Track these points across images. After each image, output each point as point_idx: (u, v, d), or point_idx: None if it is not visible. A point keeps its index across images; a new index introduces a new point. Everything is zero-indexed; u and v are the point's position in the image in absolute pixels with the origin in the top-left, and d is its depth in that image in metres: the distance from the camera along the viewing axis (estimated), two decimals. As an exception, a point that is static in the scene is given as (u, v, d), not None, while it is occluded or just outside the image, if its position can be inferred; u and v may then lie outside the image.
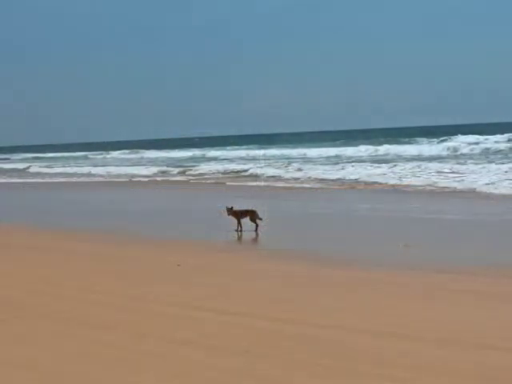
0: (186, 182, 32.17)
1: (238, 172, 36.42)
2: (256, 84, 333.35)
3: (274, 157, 51.02)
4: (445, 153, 42.83)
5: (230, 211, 13.91)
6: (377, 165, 32.89)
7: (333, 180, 27.97)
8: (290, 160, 43.34)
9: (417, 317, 6.67)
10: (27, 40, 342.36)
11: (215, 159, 52.49)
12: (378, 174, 28.33)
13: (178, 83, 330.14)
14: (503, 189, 20.62)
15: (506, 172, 25.27)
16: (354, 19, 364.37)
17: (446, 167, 29.04)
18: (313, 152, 50.79)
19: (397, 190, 22.72)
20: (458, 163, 31.01)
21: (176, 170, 40.38)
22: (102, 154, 77.79)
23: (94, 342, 6.03)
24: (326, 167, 34.07)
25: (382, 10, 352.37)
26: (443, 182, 23.46)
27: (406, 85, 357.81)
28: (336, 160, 40.95)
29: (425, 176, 26.26)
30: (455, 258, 10.22)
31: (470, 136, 52.21)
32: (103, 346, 5.90)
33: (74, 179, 38.37)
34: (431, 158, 37.28)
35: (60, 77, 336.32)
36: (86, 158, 74.73)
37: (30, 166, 56.99)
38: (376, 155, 44.74)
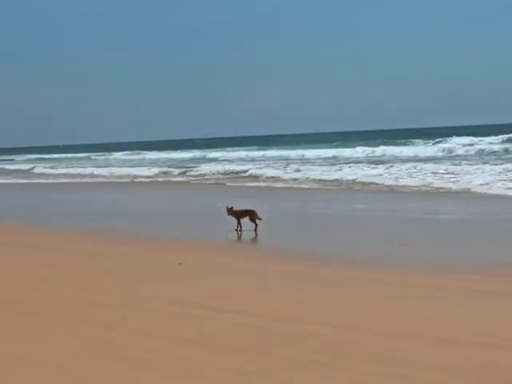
0: (187, 183, 32.22)
1: (237, 173, 36.43)
2: (256, 84, 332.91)
3: (273, 158, 51.12)
4: (440, 154, 43.01)
5: (230, 211, 13.98)
6: (373, 166, 33.01)
7: (330, 181, 28.03)
8: (288, 161, 43.36)
9: (416, 316, 6.70)
10: (27, 40, 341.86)
11: (215, 160, 52.49)
12: (375, 175, 28.40)
13: (178, 83, 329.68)
14: (497, 189, 20.76)
15: (499, 173, 25.36)
16: (354, 19, 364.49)
17: (441, 168, 29.14)
18: (311, 153, 50.92)
19: (393, 191, 22.81)
20: (453, 164, 31.09)
21: (177, 171, 40.39)
22: (104, 155, 77.92)
23: (96, 341, 6.05)
24: (324, 168, 34.15)
25: (382, 10, 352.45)
26: (438, 183, 23.56)
27: (403, 87, 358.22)
28: (333, 161, 41.04)
29: (420, 177, 26.38)
30: (454, 258, 10.26)
31: (465, 137, 52.39)
32: (104, 345, 5.93)
33: (78, 180, 38.32)
34: (427, 159, 37.30)
35: (60, 77, 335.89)
36: (88, 158, 74.68)
37: (34, 166, 56.69)
38: (373, 156, 44.90)
